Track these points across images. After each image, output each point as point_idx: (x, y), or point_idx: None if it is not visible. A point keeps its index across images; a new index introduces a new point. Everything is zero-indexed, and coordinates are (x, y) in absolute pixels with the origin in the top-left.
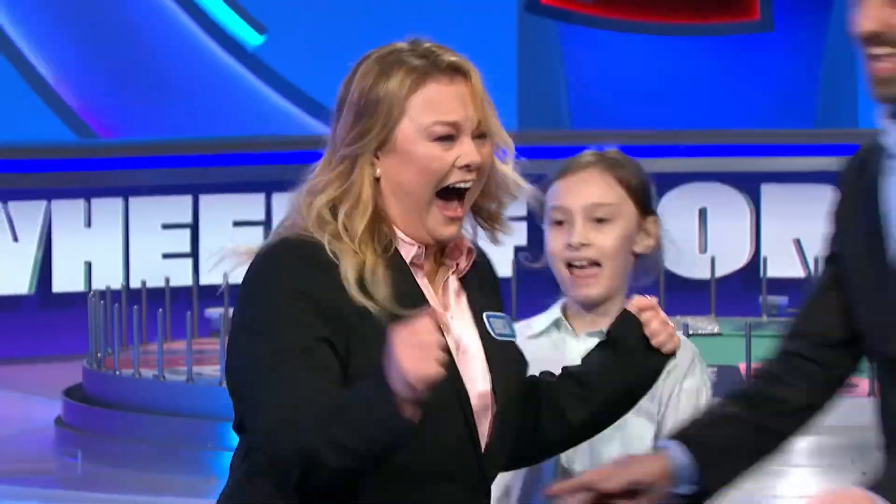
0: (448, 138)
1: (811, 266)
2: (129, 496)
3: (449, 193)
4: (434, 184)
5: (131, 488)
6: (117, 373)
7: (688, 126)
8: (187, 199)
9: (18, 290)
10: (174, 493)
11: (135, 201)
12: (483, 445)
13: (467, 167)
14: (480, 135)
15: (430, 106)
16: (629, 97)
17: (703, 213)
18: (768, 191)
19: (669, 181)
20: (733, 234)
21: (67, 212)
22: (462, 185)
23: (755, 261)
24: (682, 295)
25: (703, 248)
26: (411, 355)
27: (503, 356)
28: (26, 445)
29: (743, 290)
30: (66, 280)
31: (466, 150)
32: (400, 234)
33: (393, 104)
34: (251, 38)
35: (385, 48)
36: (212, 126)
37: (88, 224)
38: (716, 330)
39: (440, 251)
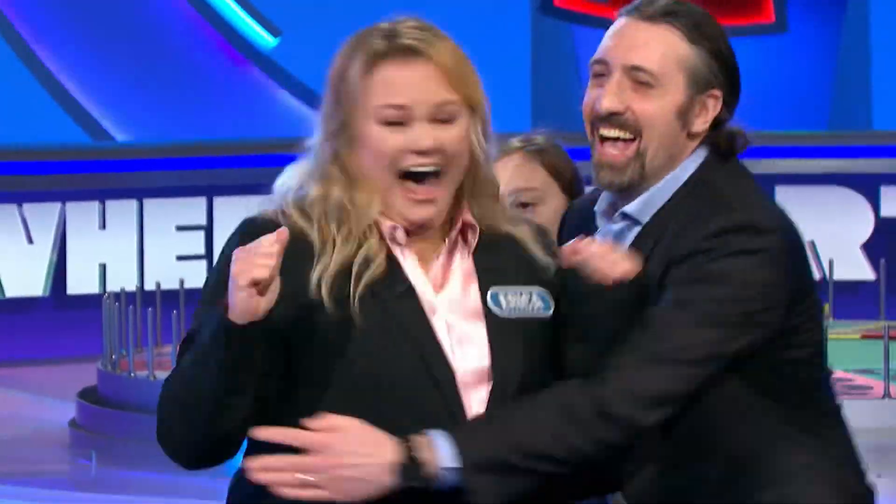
0: (399, 122)
1: (826, 268)
2: (143, 498)
3: (411, 177)
4: (388, 168)
5: (145, 490)
6: (132, 375)
7: None
8: (201, 201)
9: (33, 291)
10: (188, 496)
11: (149, 203)
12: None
13: (421, 152)
14: (445, 118)
15: (381, 89)
16: None
17: None
18: (782, 192)
19: None
20: None
21: (82, 214)
22: (420, 170)
23: None
24: None
25: None
26: (243, 260)
27: (507, 334)
28: (40, 447)
29: None
30: (80, 282)
31: (416, 135)
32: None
33: (351, 88)
34: (266, 40)
35: (366, 28)
36: (226, 128)
37: (103, 226)
38: None
39: (444, 229)
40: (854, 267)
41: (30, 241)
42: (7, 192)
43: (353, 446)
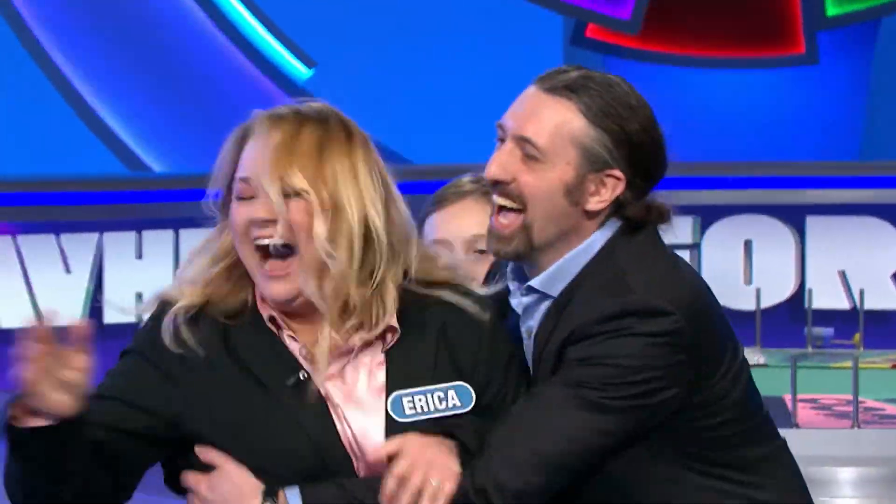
0: (249, 197)
1: (856, 298)
2: None
3: (263, 251)
4: (242, 242)
5: None
6: None
7: (732, 158)
8: None
9: (71, 321)
10: None
11: (185, 233)
12: None
13: (262, 222)
14: (289, 192)
15: (237, 166)
16: (673, 130)
17: (748, 245)
18: (813, 223)
19: (714, 213)
20: (778, 265)
21: (119, 244)
22: (262, 242)
23: (800, 292)
24: None
25: (749, 280)
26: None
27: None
28: None
29: (788, 321)
30: (117, 311)
31: (257, 206)
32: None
33: (222, 167)
34: (300, 72)
35: None
36: None
37: (139, 256)
38: (761, 361)
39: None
40: (884, 296)
41: (67, 270)
42: (45, 223)
43: (222, 492)
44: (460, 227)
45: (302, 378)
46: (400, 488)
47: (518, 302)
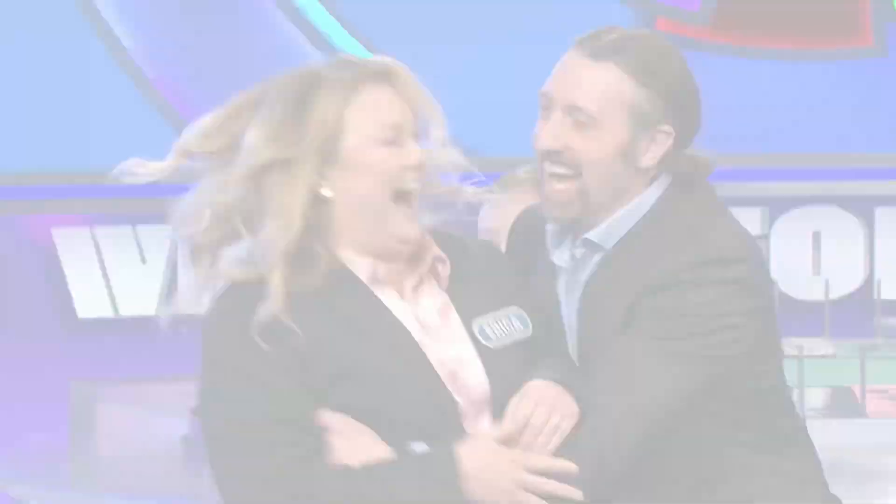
0: (394, 142)
1: None
2: None
3: (401, 196)
4: (391, 188)
5: None
6: None
7: (801, 150)
8: None
9: (147, 310)
10: None
11: None
12: None
13: (416, 167)
14: (416, 135)
15: (371, 112)
16: (742, 121)
17: (817, 236)
18: (882, 214)
19: (783, 205)
20: (847, 256)
21: None
22: (414, 186)
23: (869, 283)
24: (796, 316)
25: (817, 271)
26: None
27: (502, 363)
28: (154, 463)
29: (857, 312)
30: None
31: (413, 151)
32: (346, 254)
33: (328, 118)
34: None
35: (302, 66)
36: None
37: None
38: (830, 352)
39: (405, 268)
40: None
41: (143, 261)
42: (122, 214)
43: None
44: (506, 216)
45: (398, 330)
46: (522, 427)
47: (570, 255)
